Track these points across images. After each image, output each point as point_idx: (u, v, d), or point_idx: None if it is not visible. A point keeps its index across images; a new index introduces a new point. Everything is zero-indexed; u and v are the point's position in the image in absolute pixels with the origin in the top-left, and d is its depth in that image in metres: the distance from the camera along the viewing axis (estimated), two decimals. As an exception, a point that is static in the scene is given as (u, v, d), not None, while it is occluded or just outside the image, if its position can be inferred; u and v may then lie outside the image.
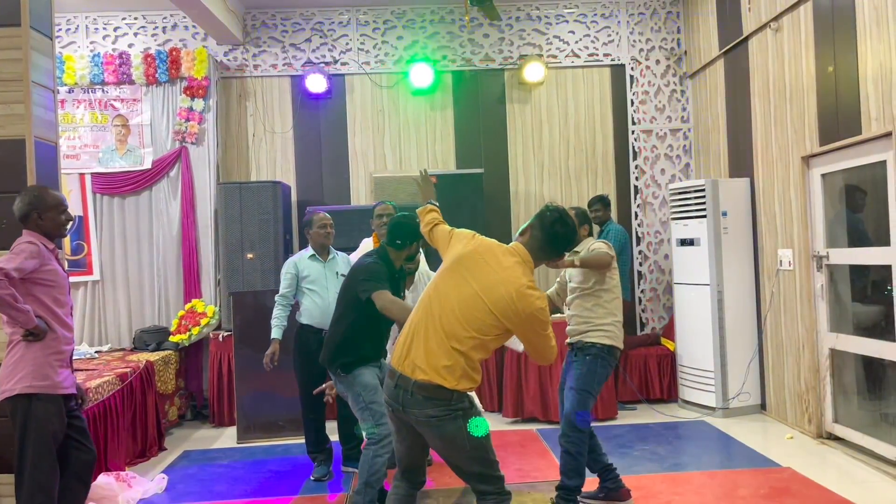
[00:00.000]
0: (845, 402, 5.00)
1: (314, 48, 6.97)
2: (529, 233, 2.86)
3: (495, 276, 2.72)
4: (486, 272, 2.74)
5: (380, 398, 3.71)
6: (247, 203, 6.16)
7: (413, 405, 2.70)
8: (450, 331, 2.70)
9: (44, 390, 3.27)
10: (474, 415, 2.76)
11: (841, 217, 4.99)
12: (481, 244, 2.85)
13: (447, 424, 2.69)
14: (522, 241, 2.86)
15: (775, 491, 4.13)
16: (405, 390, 2.70)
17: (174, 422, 6.05)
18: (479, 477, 2.79)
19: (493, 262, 2.76)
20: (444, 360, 2.68)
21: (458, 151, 7.03)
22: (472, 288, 2.73)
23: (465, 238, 2.90)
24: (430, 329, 2.73)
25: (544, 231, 2.83)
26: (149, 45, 6.77)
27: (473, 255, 2.80)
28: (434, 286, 2.83)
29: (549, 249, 2.86)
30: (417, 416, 2.70)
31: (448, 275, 2.81)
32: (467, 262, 2.79)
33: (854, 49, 4.46)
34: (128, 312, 6.60)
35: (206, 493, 4.49)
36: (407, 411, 2.72)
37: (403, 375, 2.71)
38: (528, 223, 2.90)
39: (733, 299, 5.88)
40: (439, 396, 2.67)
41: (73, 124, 6.50)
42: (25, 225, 3.36)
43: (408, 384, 2.69)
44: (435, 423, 2.69)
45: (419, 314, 2.80)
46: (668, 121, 7.09)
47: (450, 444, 2.74)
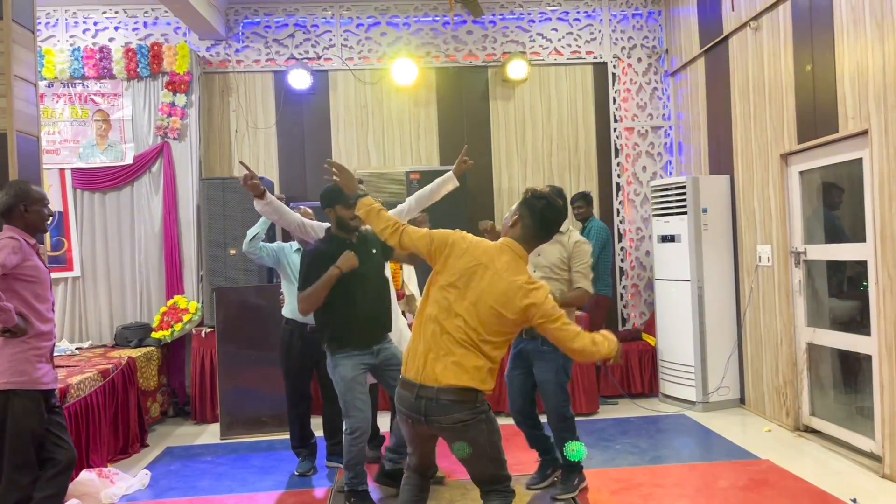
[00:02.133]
0: (822, 396, 5.10)
1: (297, 44, 6.95)
2: (519, 224, 2.85)
3: (499, 281, 2.71)
4: (489, 280, 2.72)
5: (354, 393, 3.77)
6: (229, 199, 6.14)
7: (438, 412, 2.70)
8: (468, 338, 2.71)
9: (22, 386, 3.25)
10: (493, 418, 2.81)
11: (818, 214, 5.07)
12: (475, 249, 2.80)
13: (472, 429, 2.72)
14: (513, 234, 2.85)
15: (754, 483, 4.20)
16: (428, 399, 2.70)
17: (157, 418, 6.02)
18: (491, 478, 2.85)
19: (492, 267, 2.74)
20: (469, 363, 2.70)
21: (442, 148, 7.05)
22: (480, 297, 2.71)
23: (458, 247, 2.81)
24: (445, 340, 2.73)
25: (535, 220, 2.83)
26: (130, 40, 6.72)
27: (476, 267, 2.76)
28: (439, 300, 2.78)
29: (543, 236, 2.88)
30: (443, 422, 2.71)
31: (453, 289, 2.76)
32: (470, 273, 2.75)
33: (832, 48, 4.54)
34: (109, 309, 6.55)
35: (189, 489, 4.48)
36: (430, 420, 2.72)
37: (425, 385, 2.72)
38: (516, 213, 2.88)
39: (713, 295, 5.96)
40: (466, 399, 2.69)
41: (53, 119, 6.43)
42: (8, 220, 3.32)
43: (432, 392, 2.70)
44: (461, 427, 2.71)
45: (430, 328, 2.77)
46: (650, 118, 7.16)
47: (473, 448, 2.76)
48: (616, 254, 7.03)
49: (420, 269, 5.13)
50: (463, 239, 2.83)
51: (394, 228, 2.92)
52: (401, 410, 2.82)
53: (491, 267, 2.74)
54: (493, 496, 2.84)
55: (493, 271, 2.73)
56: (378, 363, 3.89)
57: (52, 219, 6.20)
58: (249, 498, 4.29)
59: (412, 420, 2.78)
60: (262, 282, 6.08)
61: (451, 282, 2.77)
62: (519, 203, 2.91)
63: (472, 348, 2.71)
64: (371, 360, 3.87)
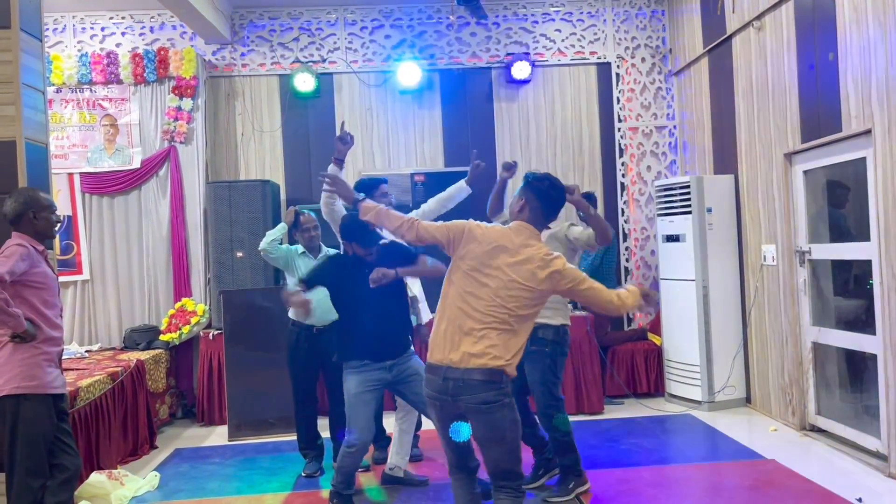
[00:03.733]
0: (828, 395, 5.10)
1: (302, 47, 6.99)
2: (527, 207, 2.97)
3: (520, 257, 2.85)
4: (511, 258, 2.85)
5: (356, 410, 3.81)
6: (236, 202, 6.19)
7: (466, 391, 2.79)
8: (496, 317, 2.82)
9: (32, 390, 3.29)
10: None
11: (823, 213, 5.08)
12: (492, 233, 2.94)
13: (496, 411, 2.80)
14: (522, 217, 2.97)
15: (759, 482, 4.21)
16: (455, 380, 2.80)
17: (165, 420, 6.07)
18: (506, 472, 2.91)
19: (511, 246, 2.88)
20: (498, 342, 2.81)
21: (447, 150, 7.07)
22: (506, 276, 2.84)
23: (476, 233, 2.93)
24: (472, 322, 2.83)
25: (542, 201, 2.98)
26: (136, 45, 6.77)
27: (496, 248, 2.88)
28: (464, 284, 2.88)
29: (550, 215, 3.03)
30: (469, 402, 2.79)
31: (477, 272, 2.87)
32: (492, 255, 2.88)
33: (835, 47, 4.54)
34: (118, 312, 6.60)
35: (198, 490, 4.52)
36: (458, 399, 2.80)
37: (452, 367, 2.81)
38: (521, 199, 2.99)
39: (718, 294, 5.96)
40: (493, 379, 2.79)
41: (62, 124, 6.49)
42: (17, 226, 3.36)
43: (458, 373, 2.79)
44: (485, 409, 2.79)
45: (456, 312, 2.87)
46: (654, 118, 7.17)
47: (495, 433, 2.84)
48: (621, 253, 7.04)
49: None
50: (478, 226, 2.97)
51: (409, 224, 3.03)
52: (429, 395, 2.91)
53: (510, 246, 2.88)
54: (504, 493, 2.91)
55: (513, 250, 2.87)
56: (392, 379, 3.87)
57: (61, 225, 6.31)
58: (257, 499, 4.33)
59: (440, 402, 2.87)
60: (269, 284, 6.12)
61: (474, 266, 2.89)
62: (521, 189, 3.03)
63: (499, 326, 2.82)
64: (383, 375, 3.84)
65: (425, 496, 4.23)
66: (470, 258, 2.90)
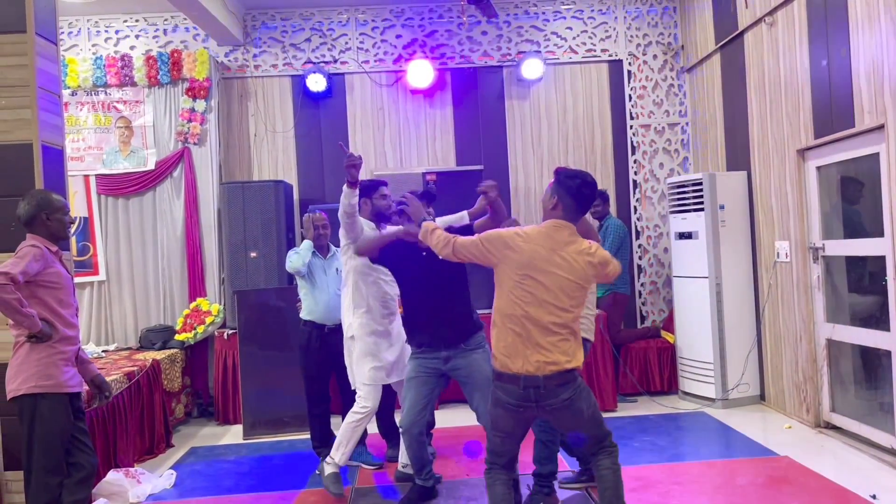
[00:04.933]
0: (842, 392, 5.07)
1: (314, 48, 7.03)
2: (560, 204, 3.05)
3: (568, 257, 2.97)
4: (561, 260, 2.97)
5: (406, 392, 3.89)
6: (249, 202, 6.23)
7: (548, 396, 2.97)
8: (560, 320, 2.97)
9: (49, 389, 3.33)
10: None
11: (836, 209, 5.04)
12: (534, 238, 3.00)
13: (577, 401, 3.02)
14: (555, 215, 3.05)
15: (773, 479, 4.20)
16: (537, 387, 2.96)
17: (181, 419, 6.13)
18: (595, 438, 3.13)
19: (557, 249, 2.98)
20: (565, 345, 2.98)
21: (458, 148, 7.09)
22: (560, 277, 2.95)
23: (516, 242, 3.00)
24: (539, 330, 2.96)
25: (573, 197, 3.06)
26: (150, 47, 6.84)
27: (541, 253, 2.97)
28: (520, 294, 2.97)
29: (582, 210, 3.12)
30: (554, 403, 2.98)
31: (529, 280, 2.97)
32: (540, 260, 2.96)
33: (847, 43, 4.52)
34: (133, 312, 6.67)
35: (213, 488, 4.57)
36: (542, 404, 2.98)
37: (530, 376, 2.96)
38: (553, 197, 3.06)
39: (732, 292, 5.94)
40: (569, 378, 2.99)
41: (77, 126, 6.57)
42: (31, 228, 3.41)
43: (538, 381, 2.95)
44: (569, 404, 3.00)
45: (518, 322, 2.97)
46: (666, 115, 7.15)
47: (580, 417, 3.06)
48: (634, 251, 7.02)
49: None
50: (517, 234, 3.04)
51: (445, 242, 3.14)
52: (508, 403, 3.03)
53: (556, 248, 2.99)
54: (602, 455, 3.13)
55: (560, 252, 2.98)
56: (447, 370, 3.87)
57: (77, 226, 6.39)
58: (272, 497, 4.36)
59: (522, 408, 3.01)
60: (282, 284, 6.16)
61: (524, 273, 2.97)
62: (553, 185, 3.10)
63: (562, 329, 2.98)
64: (438, 365, 3.85)
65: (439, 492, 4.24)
66: (516, 268, 2.98)
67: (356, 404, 4.24)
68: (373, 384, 4.21)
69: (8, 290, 3.11)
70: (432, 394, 3.94)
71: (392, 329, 4.31)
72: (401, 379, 4.23)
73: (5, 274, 3.12)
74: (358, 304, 4.24)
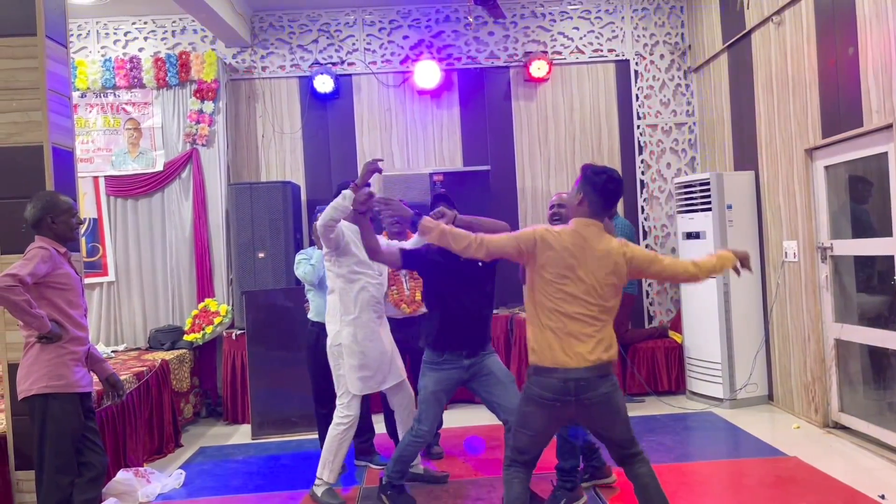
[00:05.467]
0: (851, 392, 5.05)
1: (321, 49, 7.06)
2: (586, 201, 3.04)
3: (600, 254, 2.98)
4: (592, 257, 2.97)
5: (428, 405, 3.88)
6: (257, 203, 6.26)
7: (587, 389, 2.95)
8: (594, 315, 2.97)
9: (60, 389, 3.35)
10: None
11: (845, 208, 5.03)
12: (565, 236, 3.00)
13: (613, 396, 3.02)
14: (581, 212, 3.05)
15: (781, 480, 4.19)
16: (576, 380, 2.94)
17: (189, 419, 6.16)
18: (628, 441, 3.07)
19: (588, 246, 2.98)
20: (602, 339, 2.99)
21: (465, 149, 7.10)
22: (594, 274, 2.97)
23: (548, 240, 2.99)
24: (576, 324, 2.96)
25: (599, 194, 3.04)
26: (159, 49, 6.88)
27: (574, 251, 2.97)
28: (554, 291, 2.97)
29: (609, 207, 3.12)
30: (592, 397, 2.96)
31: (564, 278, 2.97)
32: (573, 257, 2.97)
33: (855, 42, 4.50)
34: (142, 312, 6.71)
35: (222, 487, 4.59)
36: (581, 398, 2.95)
37: (569, 368, 2.94)
38: (580, 194, 3.05)
39: (739, 291, 5.93)
40: (607, 372, 3.00)
41: (87, 128, 6.61)
42: (38, 230, 3.43)
43: (577, 374, 2.94)
44: (605, 398, 2.99)
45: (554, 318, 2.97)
46: (673, 115, 7.14)
47: (615, 413, 3.03)
48: (641, 251, 7.00)
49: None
50: (548, 231, 3.04)
51: (477, 243, 3.04)
52: (543, 397, 2.99)
53: (587, 246, 2.98)
54: (638, 462, 3.08)
55: (591, 248, 2.98)
56: (468, 378, 3.88)
57: (86, 227, 6.42)
58: (280, 497, 4.38)
59: (559, 403, 2.97)
60: (290, 284, 6.18)
61: (558, 272, 2.97)
62: (580, 182, 3.09)
63: (598, 322, 2.98)
64: (460, 374, 3.85)
65: (446, 493, 4.25)
66: (551, 265, 2.98)
67: (338, 414, 4.14)
68: (361, 394, 4.15)
69: (16, 291, 3.13)
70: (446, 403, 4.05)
71: (381, 334, 4.21)
72: (392, 384, 4.22)
73: (14, 276, 3.14)
74: (345, 311, 4.09)
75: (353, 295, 4.09)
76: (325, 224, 3.88)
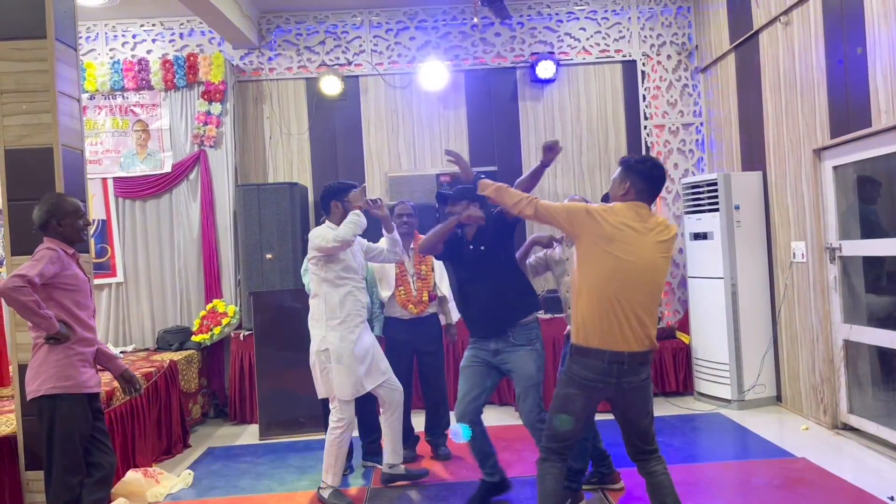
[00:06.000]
0: (860, 393, 5.03)
1: (328, 50, 7.07)
2: (632, 190, 3.03)
3: (652, 231, 2.97)
4: (646, 237, 2.96)
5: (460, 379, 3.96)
6: (265, 204, 6.27)
7: (630, 374, 2.95)
8: (646, 299, 2.95)
9: (68, 390, 3.36)
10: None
11: (853, 209, 5.01)
12: (617, 213, 2.97)
13: (650, 383, 3.07)
14: (628, 198, 3.03)
15: (790, 481, 4.18)
16: (620, 363, 2.93)
17: (198, 419, 6.18)
18: (649, 436, 3.09)
19: (643, 224, 2.97)
20: (650, 324, 2.98)
21: (472, 150, 7.10)
22: (649, 252, 2.95)
23: (598, 215, 2.96)
24: (626, 306, 2.92)
25: (646, 180, 3.03)
26: (167, 51, 6.91)
27: (627, 225, 2.95)
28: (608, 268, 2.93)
29: (654, 193, 3.09)
30: (633, 381, 2.97)
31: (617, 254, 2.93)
32: (628, 234, 2.95)
33: (863, 42, 4.49)
34: (150, 313, 6.74)
35: (230, 488, 4.61)
36: (621, 381, 2.95)
37: (616, 351, 2.92)
38: (625, 183, 3.04)
39: (747, 292, 5.91)
40: (650, 359, 3.03)
41: (95, 130, 6.64)
42: (45, 232, 3.44)
43: (623, 357, 2.93)
44: (645, 385, 3.02)
45: (605, 298, 2.92)
46: (681, 115, 7.13)
47: (647, 401, 3.06)
48: (648, 252, 6.99)
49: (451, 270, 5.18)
50: (600, 207, 3.04)
51: (528, 201, 3.08)
52: (587, 378, 2.96)
53: (642, 222, 2.97)
54: (654, 459, 3.09)
55: (647, 226, 2.98)
56: (496, 363, 3.91)
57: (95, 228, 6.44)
58: (288, 497, 4.40)
59: (601, 385, 2.96)
60: (297, 285, 6.18)
61: (612, 248, 2.93)
62: (622, 173, 3.07)
63: (651, 305, 2.97)
64: (488, 357, 3.91)
65: (453, 494, 4.26)
66: (604, 241, 2.93)
67: (332, 418, 4.17)
68: (352, 398, 4.17)
69: (25, 292, 3.14)
70: (485, 383, 3.94)
71: (364, 337, 4.22)
72: (376, 384, 4.23)
73: (22, 276, 3.15)
74: (331, 316, 4.11)
75: (339, 299, 4.12)
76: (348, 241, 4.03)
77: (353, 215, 4.06)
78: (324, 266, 4.11)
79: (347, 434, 4.18)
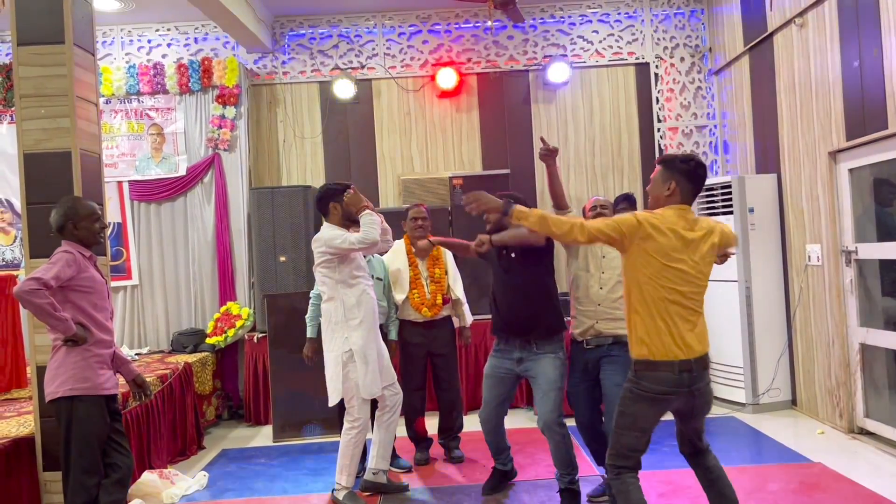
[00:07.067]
0: (876, 397, 4.99)
1: (341, 54, 7.10)
2: (677, 190, 3.00)
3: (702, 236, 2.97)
4: (701, 241, 2.96)
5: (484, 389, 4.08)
6: (278, 207, 6.30)
7: (698, 380, 2.97)
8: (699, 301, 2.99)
9: (85, 392, 3.38)
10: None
11: (869, 211, 4.98)
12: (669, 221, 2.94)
13: (711, 385, 3.10)
14: (673, 201, 3.01)
15: (805, 486, 4.15)
16: (689, 371, 2.93)
17: (212, 421, 6.22)
18: (702, 433, 3.18)
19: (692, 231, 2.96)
20: (704, 329, 3.02)
21: (485, 152, 7.11)
22: (703, 259, 2.96)
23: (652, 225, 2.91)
24: (688, 313, 2.94)
25: (691, 180, 3.02)
26: (181, 56, 6.96)
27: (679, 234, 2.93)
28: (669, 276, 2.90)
29: (697, 192, 3.08)
30: (701, 386, 3.00)
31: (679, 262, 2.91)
32: (687, 242, 2.94)
33: (879, 44, 4.46)
34: (165, 315, 6.78)
35: (244, 489, 4.63)
36: (693, 388, 2.96)
37: (684, 360, 2.92)
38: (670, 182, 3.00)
39: (762, 295, 5.88)
40: (709, 364, 3.05)
41: (111, 134, 6.70)
42: (62, 235, 3.48)
43: (690, 365, 2.93)
44: (708, 388, 3.06)
45: (669, 308, 2.91)
46: (694, 118, 7.10)
47: (709, 403, 3.11)
48: (662, 255, 6.97)
49: (464, 273, 5.19)
50: (652, 215, 2.96)
51: (579, 227, 2.94)
52: (657, 391, 2.94)
53: (692, 229, 2.96)
54: (709, 455, 3.22)
55: (699, 231, 2.97)
56: (520, 372, 3.96)
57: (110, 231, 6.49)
58: (303, 499, 4.41)
59: (674, 395, 2.95)
60: (311, 288, 6.20)
61: (668, 257, 2.90)
62: (666, 173, 3.03)
63: (700, 309, 3.00)
64: (511, 367, 3.97)
65: (468, 497, 4.26)
66: (659, 251, 2.90)
67: (347, 419, 4.17)
68: (373, 396, 4.20)
69: (40, 294, 3.17)
70: (507, 392, 4.09)
71: (378, 336, 4.25)
72: (387, 384, 4.26)
73: (38, 279, 3.18)
74: (350, 317, 4.09)
75: (355, 300, 4.12)
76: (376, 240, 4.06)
77: (367, 216, 4.06)
78: (336, 268, 4.11)
79: (362, 435, 4.19)
